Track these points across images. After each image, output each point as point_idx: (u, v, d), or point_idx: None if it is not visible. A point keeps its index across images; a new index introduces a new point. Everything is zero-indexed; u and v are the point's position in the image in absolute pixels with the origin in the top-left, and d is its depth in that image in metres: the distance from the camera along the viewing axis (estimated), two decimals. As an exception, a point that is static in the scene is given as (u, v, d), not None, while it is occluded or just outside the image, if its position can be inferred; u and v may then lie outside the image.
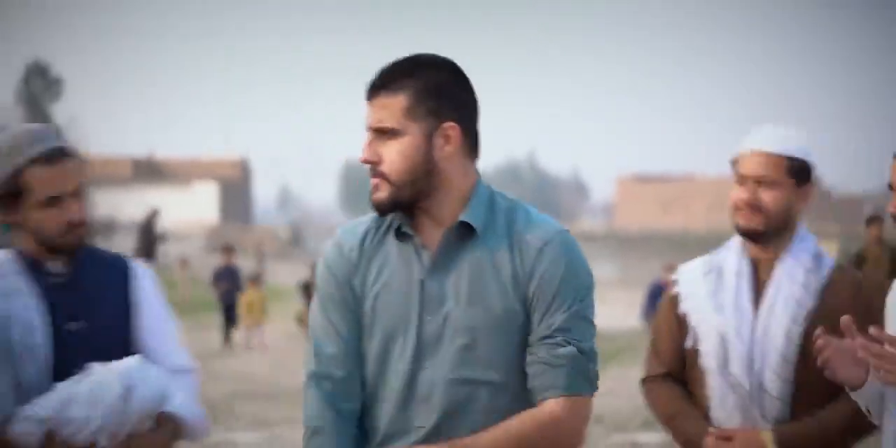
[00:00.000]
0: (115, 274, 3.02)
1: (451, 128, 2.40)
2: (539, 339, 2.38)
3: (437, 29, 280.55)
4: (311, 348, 2.49)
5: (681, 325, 3.21)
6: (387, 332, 2.43)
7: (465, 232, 2.42)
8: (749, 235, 3.14)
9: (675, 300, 3.24)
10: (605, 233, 76.77)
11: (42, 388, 2.81)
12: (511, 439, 2.35)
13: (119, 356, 2.89)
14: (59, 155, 2.82)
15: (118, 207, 66.87)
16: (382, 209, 2.41)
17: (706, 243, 4.09)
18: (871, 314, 2.92)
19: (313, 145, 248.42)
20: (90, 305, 2.94)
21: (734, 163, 3.17)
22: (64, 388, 2.80)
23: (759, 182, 3.08)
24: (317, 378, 2.46)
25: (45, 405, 2.78)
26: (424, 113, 2.39)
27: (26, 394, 2.81)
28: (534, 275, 2.39)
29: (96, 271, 3.00)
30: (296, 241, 45.80)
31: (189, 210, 43.95)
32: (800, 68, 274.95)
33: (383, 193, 2.39)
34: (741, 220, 3.11)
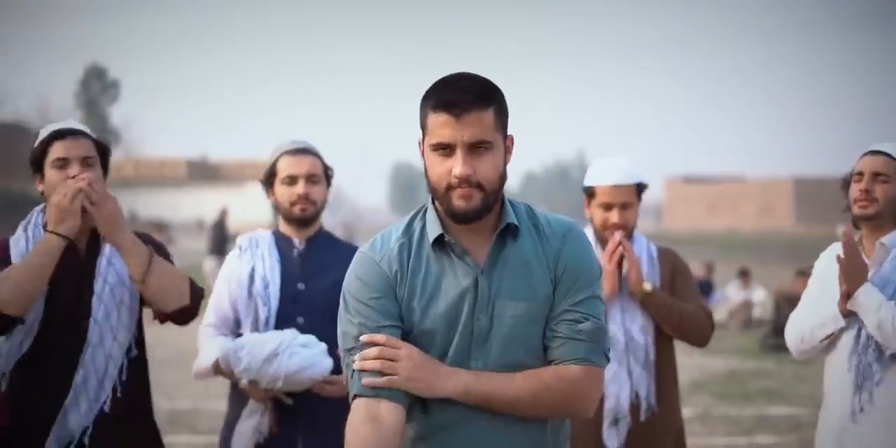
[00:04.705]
0: (344, 256, 3.92)
1: (511, 140, 2.58)
2: (559, 314, 2.54)
3: (489, 29, 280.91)
4: (350, 355, 2.53)
5: None
6: (442, 337, 2.53)
7: (505, 233, 2.57)
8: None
9: None
10: (653, 233, 77.15)
11: (268, 328, 3.88)
12: (538, 385, 2.50)
13: (327, 315, 3.84)
14: (299, 151, 3.98)
15: (174, 208, 67.84)
16: (471, 217, 2.51)
17: (751, 244, 4.91)
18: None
19: (364, 146, 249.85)
20: (315, 274, 3.97)
21: (592, 193, 4.12)
22: (248, 337, 3.85)
23: (623, 206, 4.08)
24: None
25: (231, 342, 3.84)
26: (502, 126, 2.54)
27: (259, 331, 3.88)
28: (560, 258, 2.56)
29: (328, 251, 4.03)
30: (350, 240, 46.54)
31: (243, 211, 44.69)
32: (836, 77, 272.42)
33: (477, 202, 2.49)
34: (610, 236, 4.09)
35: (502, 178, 2.53)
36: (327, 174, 4.05)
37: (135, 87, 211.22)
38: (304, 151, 4.00)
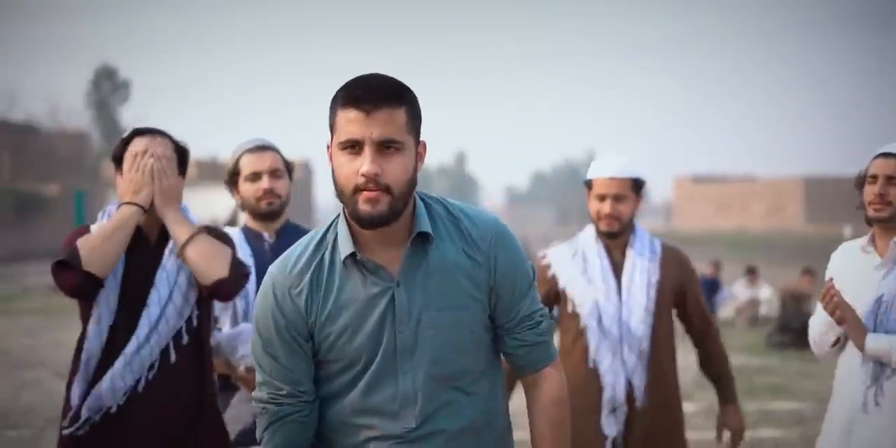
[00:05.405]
0: None
1: (423, 146, 2.47)
2: (518, 322, 2.54)
3: (489, 29, 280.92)
4: (263, 385, 2.54)
5: (548, 292, 4.35)
6: (364, 357, 2.46)
7: (421, 241, 2.47)
8: (610, 235, 4.25)
9: (544, 273, 4.36)
10: (663, 232, 77.28)
11: (248, 321, 3.97)
12: (556, 427, 2.56)
13: None
14: (260, 148, 4.09)
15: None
16: (379, 223, 2.39)
17: (760, 244, 4.97)
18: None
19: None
20: None
21: (590, 185, 4.24)
22: (242, 326, 3.98)
23: (616, 198, 4.19)
24: (277, 416, 2.51)
25: (223, 334, 3.97)
26: (414, 129, 2.43)
27: (238, 324, 4.01)
28: (496, 265, 2.50)
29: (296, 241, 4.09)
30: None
31: (254, 211, 44.69)
32: (838, 77, 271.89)
33: (384, 207, 2.37)
34: (605, 227, 4.23)
35: (412, 182, 2.42)
36: (289, 169, 4.17)
37: (136, 88, 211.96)
38: (264, 148, 4.11)
